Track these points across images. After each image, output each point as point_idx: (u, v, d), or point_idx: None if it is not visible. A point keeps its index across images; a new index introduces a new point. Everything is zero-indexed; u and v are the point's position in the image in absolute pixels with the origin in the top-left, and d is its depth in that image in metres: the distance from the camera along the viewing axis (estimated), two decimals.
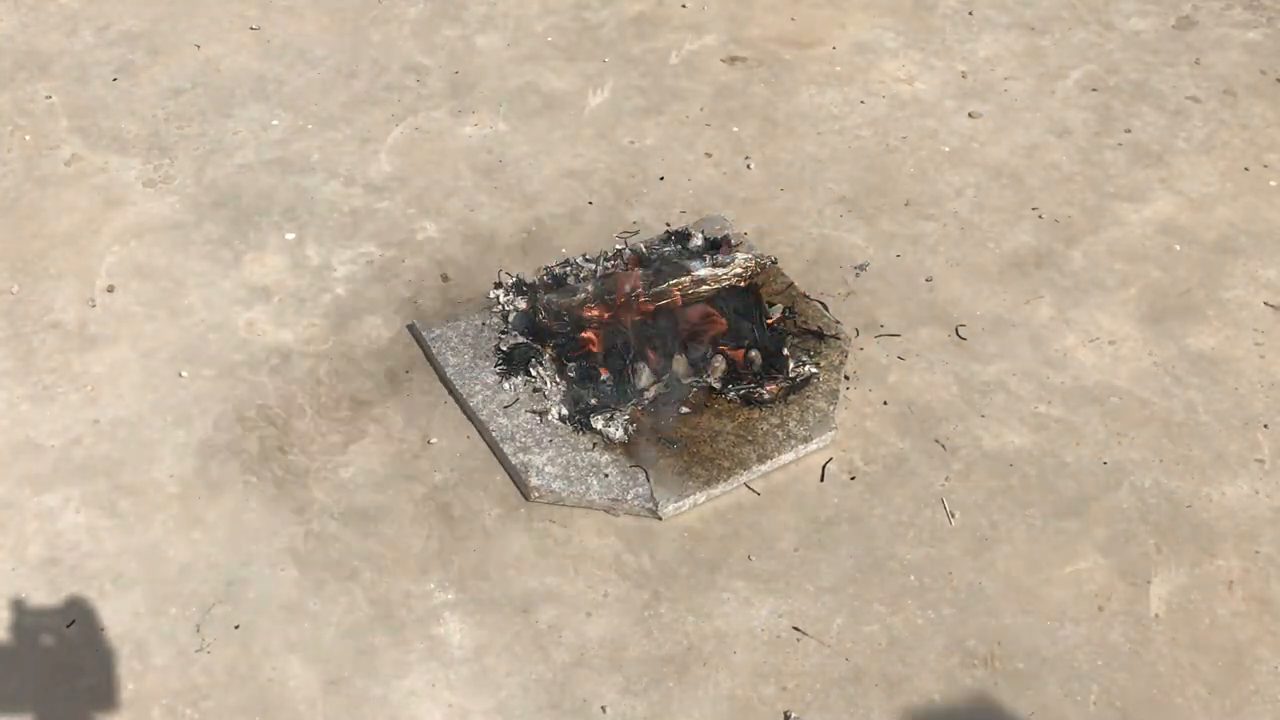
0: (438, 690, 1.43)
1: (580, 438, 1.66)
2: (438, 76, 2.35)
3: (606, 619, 1.51)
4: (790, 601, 1.53)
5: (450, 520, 1.60)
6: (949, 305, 1.90)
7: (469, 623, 1.49)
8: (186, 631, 1.47)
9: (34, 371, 1.76)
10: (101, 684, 1.42)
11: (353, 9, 2.51)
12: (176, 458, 1.66)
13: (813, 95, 2.32)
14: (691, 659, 1.47)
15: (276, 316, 1.86)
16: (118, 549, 1.55)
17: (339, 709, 1.41)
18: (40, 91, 2.27)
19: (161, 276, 1.92)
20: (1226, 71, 2.43)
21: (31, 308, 1.86)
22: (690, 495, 1.61)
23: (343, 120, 2.24)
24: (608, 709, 1.42)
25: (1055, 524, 1.62)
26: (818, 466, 1.69)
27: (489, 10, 2.53)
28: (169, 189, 2.08)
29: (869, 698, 1.44)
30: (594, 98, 2.32)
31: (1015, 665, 1.48)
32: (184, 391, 1.74)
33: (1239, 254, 2.03)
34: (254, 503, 1.61)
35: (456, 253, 1.98)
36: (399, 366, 1.79)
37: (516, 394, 1.72)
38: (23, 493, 1.61)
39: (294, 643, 1.47)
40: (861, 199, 2.11)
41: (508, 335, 1.80)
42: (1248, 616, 1.53)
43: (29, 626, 1.47)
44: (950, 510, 1.64)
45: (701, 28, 2.50)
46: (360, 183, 2.11)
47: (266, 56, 2.38)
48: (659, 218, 2.06)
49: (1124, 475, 1.69)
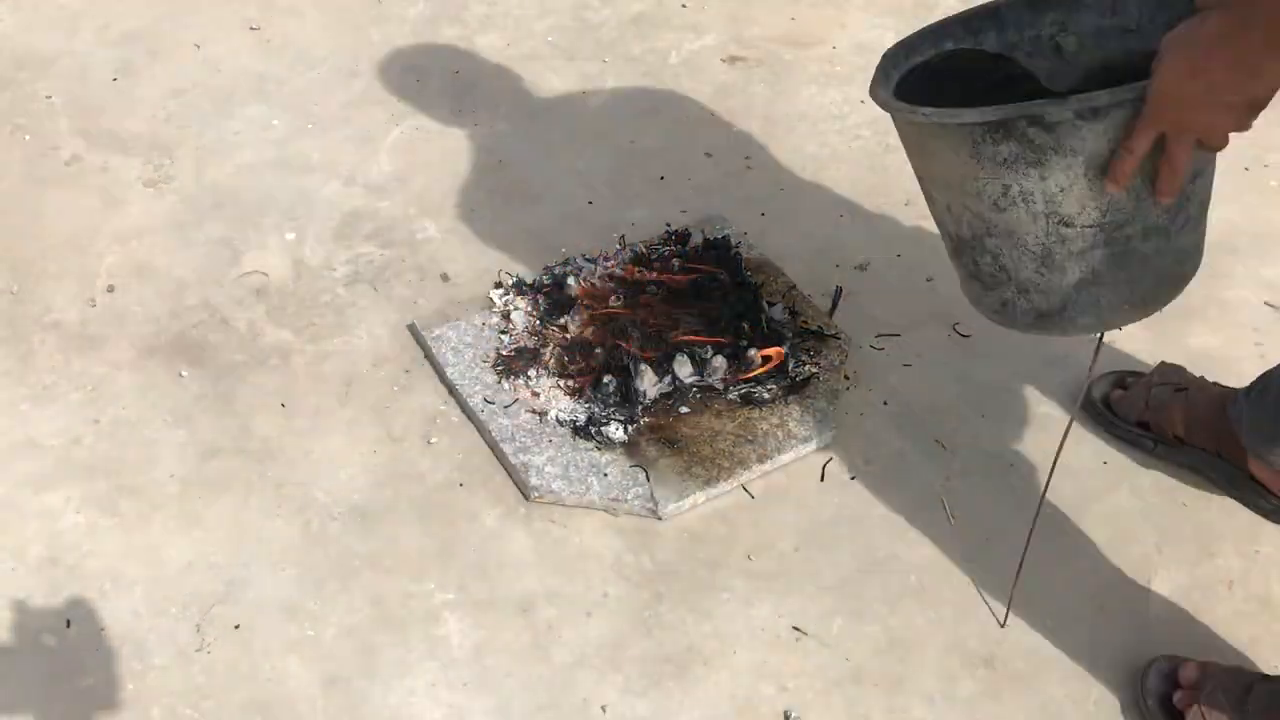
0: (438, 690, 1.43)
1: (580, 439, 1.66)
2: (438, 76, 2.35)
3: (606, 619, 1.51)
4: (790, 601, 1.53)
5: (450, 520, 1.60)
6: (950, 305, 1.90)
7: (469, 623, 1.49)
8: (187, 631, 1.47)
9: (34, 371, 1.76)
10: (101, 684, 1.42)
11: (353, 9, 2.51)
12: (176, 458, 1.66)
13: (813, 95, 2.32)
14: (691, 659, 1.47)
15: (277, 316, 1.86)
16: (118, 549, 1.55)
17: (339, 709, 1.41)
18: (40, 91, 2.27)
19: (162, 276, 1.92)
20: None
21: (31, 308, 1.86)
22: (690, 495, 1.61)
23: (343, 120, 2.24)
24: (608, 709, 1.42)
25: (1056, 524, 1.62)
26: (818, 466, 1.69)
27: (489, 10, 2.53)
28: (169, 189, 2.09)
29: (869, 698, 1.44)
30: (594, 97, 2.32)
31: (1015, 665, 1.48)
32: (184, 391, 1.75)
33: (1239, 254, 2.03)
34: (254, 502, 1.61)
35: (456, 253, 1.99)
36: (399, 366, 1.79)
37: (516, 394, 1.72)
38: (23, 493, 1.61)
39: (294, 643, 1.47)
40: (862, 199, 2.11)
41: (508, 335, 1.80)
42: (1248, 616, 1.53)
43: (29, 626, 1.47)
44: (950, 510, 1.64)
45: (701, 28, 2.51)
46: (360, 183, 2.11)
47: (266, 56, 2.38)
48: (659, 217, 2.06)
49: (1124, 475, 1.69)
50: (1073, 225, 1.12)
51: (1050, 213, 1.12)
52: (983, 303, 1.27)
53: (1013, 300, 1.22)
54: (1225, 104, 1.00)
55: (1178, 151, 1.04)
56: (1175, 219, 1.13)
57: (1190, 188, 1.12)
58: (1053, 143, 1.06)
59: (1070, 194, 1.10)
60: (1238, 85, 0.99)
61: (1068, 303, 1.19)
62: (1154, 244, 1.14)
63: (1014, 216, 1.14)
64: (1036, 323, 1.22)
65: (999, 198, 1.13)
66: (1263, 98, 1.00)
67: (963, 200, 1.17)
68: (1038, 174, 1.09)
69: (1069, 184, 1.09)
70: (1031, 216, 1.13)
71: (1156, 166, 1.07)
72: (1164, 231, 1.13)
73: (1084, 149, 1.06)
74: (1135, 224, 1.12)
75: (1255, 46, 0.96)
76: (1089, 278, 1.16)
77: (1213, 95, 1.00)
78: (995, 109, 1.07)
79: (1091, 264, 1.15)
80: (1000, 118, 1.06)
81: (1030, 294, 1.20)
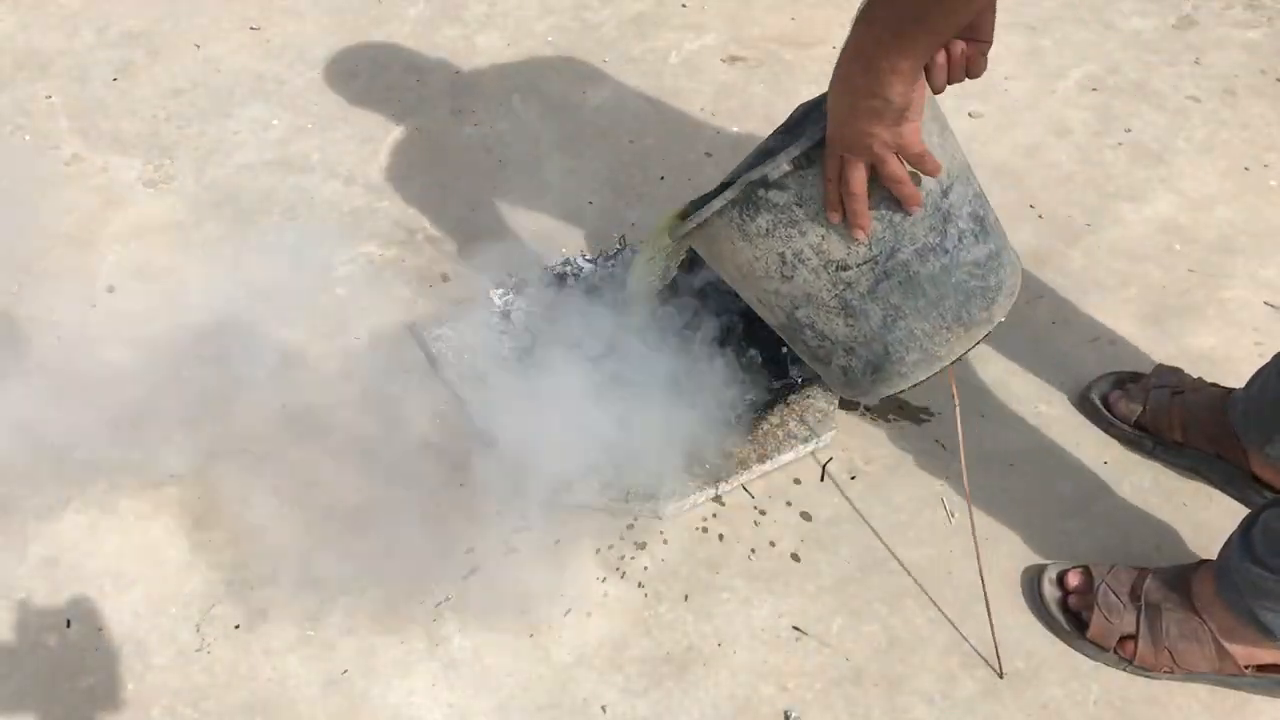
0: (438, 690, 1.43)
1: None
2: (438, 76, 2.35)
3: (606, 619, 1.51)
4: (790, 601, 1.53)
5: (450, 520, 1.60)
6: None
7: (469, 623, 1.49)
8: (187, 631, 1.47)
9: (34, 371, 1.76)
10: (101, 684, 1.42)
11: (353, 9, 2.51)
12: (177, 458, 1.66)
13: (813, 95, 2.32)
14: (692, 659, 1.47)
15: (277, 316, 1.86)
16: (118, 549, 1.55)
17: (339, 709, 1.41)
18: (40, 91, 2.27)
19: (162, 276, 1.92)
20: (1226, 71, 2.43)
21: (31, 308, 1.86)
22: (690, 495, 1.61)
23: (342, 120, 2.24)
24: (608, 709, 1.42)
25: (1056, 524, 1.62)
26: (818, 466, 1.69)
27: (489, 10, 2.53)
28: (169, 189, 2.08)
29: (869, 697, 1.44)
30: (594, 97, 2.32)
31: (1015, 665, 1.48)
32: (184, 391, 1.74)
33: (1239, 254, 2.03)
34: (254, 502, 1.61)
35: (456, 253, 1.98)
36: (399, 367, 1.79)
37: (516, 395, 1.72)
38: (23, 493, 1.61)
39: (294, 643, 1.47)
40: None
41: (508, 335, 1.80)
42: None
43: (29, 626, 1.47)
44: (950, 510, 1.64)
45: (701, 27, 2.50)
46: (360, 182, 2.11)
47: (266, 56, 2.38)
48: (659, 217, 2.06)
49: (1124, 474, 1.69)
50: (849, 268, 1.20)
51: (825, 263, 1.20)
52: (832, 380, 1.36)
53: (848, 365, 1.30)
54: (870, 111, 1.06)
55: (854, 172, 1.12)
56: (945, 234, 1.20)
57: (945, 202, 1.19)
58: (792, 198, 1.17)
59: (830, 240, 1.18)
60: (871, 89, 1.05)
61: (888, 345, 1.26)
62: (935, 263, 1.20)
63: (801, 280, 1.23)
64: (877, 379, 1.30)
65: (781, 267, 1.22)
66: (899, 101, 1.05)
67: (760, 285, 1.27)
68: (797, 232, 1.19)
69: (825, 230, 1.18)
70: (814, 273, 1.21)
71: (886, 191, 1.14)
72: (939, 249, 1.20)
73: (818, 195, 1.16)
74: (905, 248, 1.19)
75: (876, 42, 1.03)
76: (892, 314, 1.23)
77: (859, 103, 1.07)
78: (730, 189, 1.19)
79: (888, 299, 1.22)
80: (737, 194, 1.18)
81: (855, 350, 1.28)
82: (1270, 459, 1.56)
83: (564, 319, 1.75)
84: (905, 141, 1.09)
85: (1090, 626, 1.46)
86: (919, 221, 1.17)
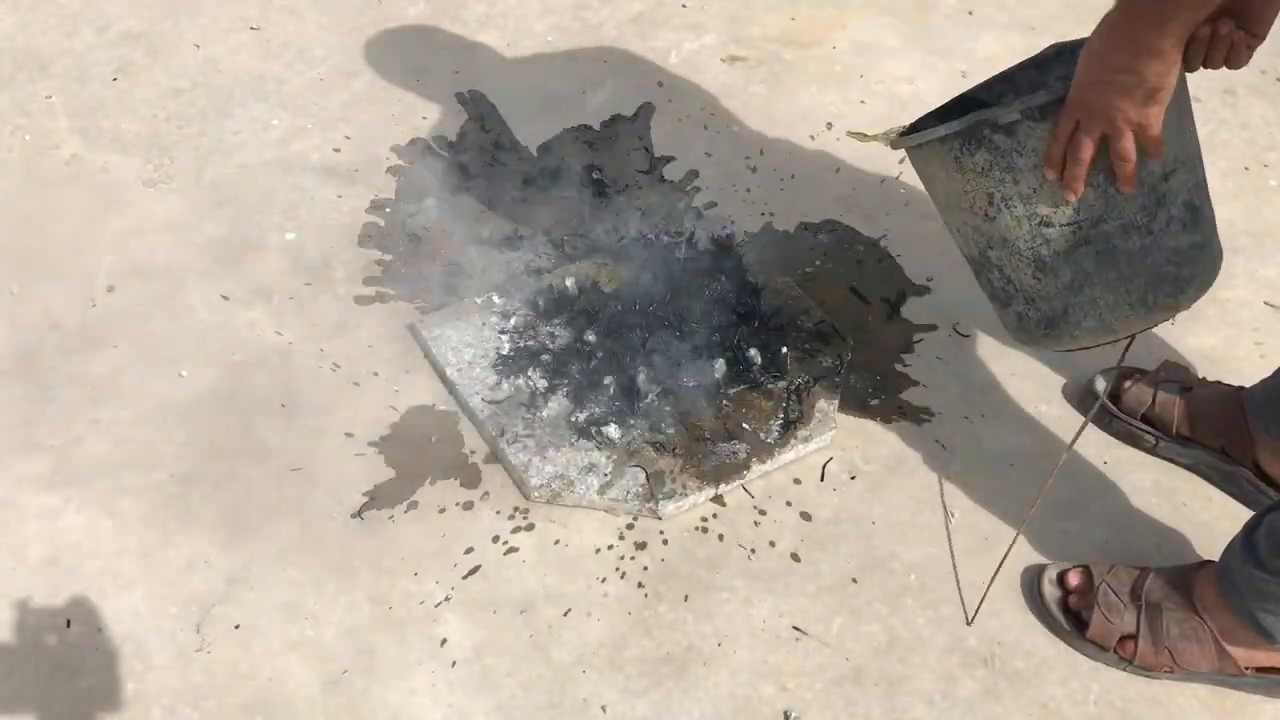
0: (438, 690, 1.43)
1: (580, 439, 1.66)
2: (438, 76, 2.35)
3: (606, 619, 1.51)
4: (790, 601, 1.53)
5: (449, 520, 1.60)
6: (950, 305, 1.90)
7: (469, 623, 1.49)
8: (187, 631, 1.47)
9: (34, 371, 1.76)
10: (101, 684, 1.42)
11: (353, 9, 2.51)
12: (177, 457, 1.66)
13: (813, 95, 2.32)
14: (691, 659, 1.47)
15: (277, 316, 1.86)
16: (118, 549, 1.55)
17: (339, 709, 1.41)
18: (40, 91, 2.27)
19: (162, 276, 1.92)
20: (1226, 71, 2.43)
21: (31, 308, 1.86)
22: (690, 495, 1.61)
23: (342, 120, 2.24)
24: (608, 709, 1.42)
25: (1056, 524, 1.62)
26: (818, 466, 1.69)
27: (489, 10, 2.53)
28: (169, 189, 2.08)
29: (869, 697, 1.44)
30: (594, 97, 2.32)
31: (1015, 665, 1.48)
32: (185, 391, 1.75)
33: (1239, 254, 2.03)
34: (254, 502, 1.61)
35: (457, 253, 1.98)
36: (399, 367, 1.79)
37: (516, 395, 1.72)
38: (23, 493, 1.61)
39: (294, 643, 1.47)
40: (862, 198, 2.11)
41: (508, 335, 1.80)
42: None
43: (29, 626, 1.47)
44: (950, 510, 1.64)
45: (701, 27, 2.50)
46: (360, 182, 2.11)
47: (266, 56, 2.38)
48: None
49: (1124, 474, 1.69)
50: (1052, 225, 1.21)
51: (1030, 214, 1.21)
52: (1006, 323, 1.37)
53: (1025, 313, 1.31)
54: (1121, 86, 1.07)
55: (1085, 139, 1.12)
56: (1154, 217, 1.21)
57: (1164, 186, 1.20)
58: (1015, 145, 1.17)
59: (1042, 194, 1.19)
60: (1127, 64, 1.05)
61: (1069, 306, 1.27)
62: (1136, 241, 1.21)
63: (1003, 224, 1.24)
64: (1049, 333, 1.31)
65: (986, 207, 1.23)
66: (1153, 81, 1.06)
67: (962, 217, 1.28)
68: (1011, 178, 1.20)
69: (1038, 184, 1.19)
70: (1016, 221, 1.23)
71: (1108, 162, 1.15)
72: (1144, 229, 1.21)
73: (1042, 149, 1.17)
74: (1111, 221, 1.20)
75: (1141, 19, 1.03)
76: (1081, 278, 1.24)
77: (1110, 76, 1.07)
78: (958, 120, 1.19)
79: (1080, 264, 1.23)
80: (964, 126, 1.19)
81: (1036, 302, 1.29)
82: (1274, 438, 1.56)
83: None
84: (1148, 123, 1.09)
85: (1090, 626, 1.46)
86: (1132, 199, 1.18)
